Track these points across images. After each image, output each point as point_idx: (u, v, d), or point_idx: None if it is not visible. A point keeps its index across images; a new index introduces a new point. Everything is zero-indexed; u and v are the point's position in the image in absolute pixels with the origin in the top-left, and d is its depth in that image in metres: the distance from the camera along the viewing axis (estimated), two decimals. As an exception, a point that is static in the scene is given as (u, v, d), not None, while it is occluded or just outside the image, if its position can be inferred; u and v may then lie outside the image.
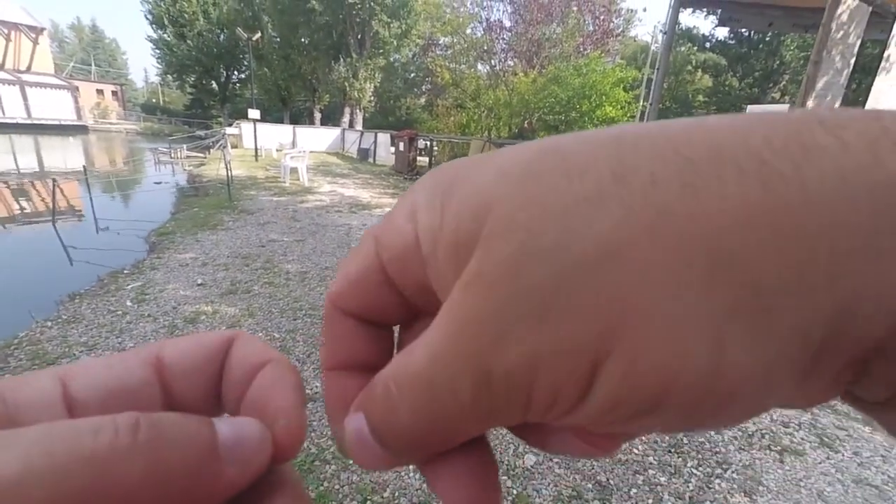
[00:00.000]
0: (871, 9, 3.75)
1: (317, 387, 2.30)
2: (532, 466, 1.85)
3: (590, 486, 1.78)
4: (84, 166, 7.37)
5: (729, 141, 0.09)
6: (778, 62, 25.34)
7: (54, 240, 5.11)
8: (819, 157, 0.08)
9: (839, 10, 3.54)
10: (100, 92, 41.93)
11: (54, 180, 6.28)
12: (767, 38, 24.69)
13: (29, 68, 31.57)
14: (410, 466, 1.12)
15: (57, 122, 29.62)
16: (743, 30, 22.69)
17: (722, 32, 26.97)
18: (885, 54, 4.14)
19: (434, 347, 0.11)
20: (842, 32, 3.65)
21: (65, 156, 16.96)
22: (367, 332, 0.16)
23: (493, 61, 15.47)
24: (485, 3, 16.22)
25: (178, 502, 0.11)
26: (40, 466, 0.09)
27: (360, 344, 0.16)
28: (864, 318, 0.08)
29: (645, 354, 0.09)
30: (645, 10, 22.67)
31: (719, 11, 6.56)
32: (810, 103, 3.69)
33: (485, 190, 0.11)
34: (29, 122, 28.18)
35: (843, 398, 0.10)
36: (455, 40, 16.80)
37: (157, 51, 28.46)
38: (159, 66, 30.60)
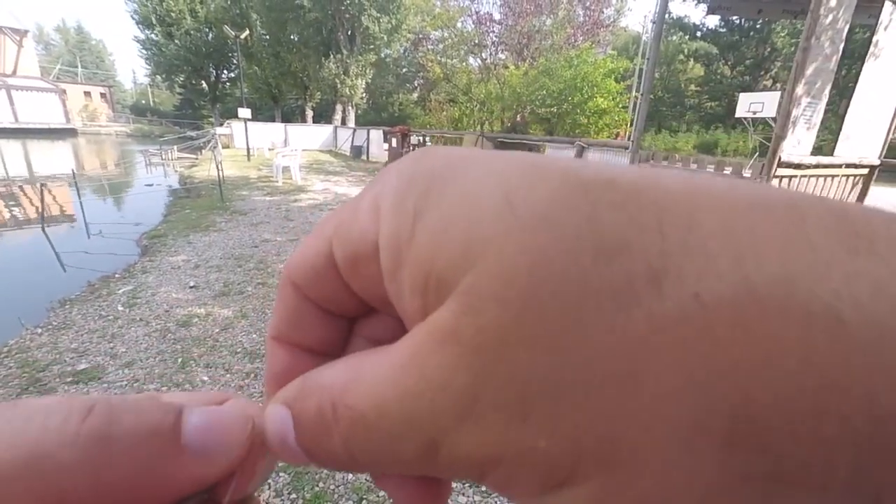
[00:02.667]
0: (859, -7, 3.75)
1: (311, 387, 2.29)
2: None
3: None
4: (73, 170, 7.29)
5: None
6: (769, 49, 25.34)
7: (45, 245, 5.05)
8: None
9: (827, -4, 3.53)
10: (87, 94, 41.34)
11: (43, 185, 6.20)
12: (758, 26, 24.67)
13: (14, 72, 31.07)
14: None
15: (45, 126, 29.21)
16: (734, 18, 22.67)
17: (713, 21, 26.93)
18: (874, 39, 4.14)
19: (384, 397, 0.10)
20: (830, 18, 3.65)
21: (54, 160, 16.75)
22: (320, 315, 0.14)
23: (483, 55, 15.38)
24: (475, -4, 16.11)
25: (130, 493, 0.10)
26: None
27: (310, 324, 0.14)
28: None
29: (628, 495, 0.08)
30: (636, -1, 22.54)
31: (707, 1, 6.55)
32: (800, 89, 3.69)
33: (481, 220, 0.09)
34: (16, 126, 27.78)
35: None
36: (446, 34, 16.68)
37: (145, 51, 28.07)
38: (147, 67, 30.21)
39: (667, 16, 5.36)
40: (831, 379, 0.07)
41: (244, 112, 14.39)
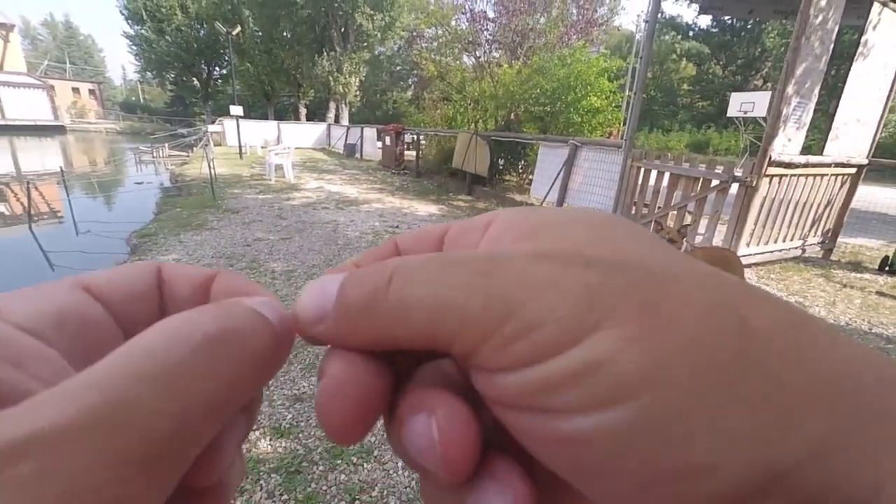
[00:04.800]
0: (848, -6, 3.79)
1: (304, 387, 2.28)
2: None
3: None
4: (62, 167, 7.17)
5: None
6: (760, 49, 25.58)
7: (32, 244, 4.97)
8: None
9: (817, -4, 3.57)
10: (76, 90, 40.71)
11: (30, 182, 6.09)
12: (749, 26, 24.89)
13: (0, 67, 30.52)
14: (399, 465, 1.10)
15: (32, 123, 28.73)
16: (725, 18, 22.85)
17: (705, 21, 27.13)
18: (863, 39, 4.18)
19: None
20: (820, 18, 3.68)
21: (42, 157, 16.48)
22: None
23: (477, 53, 15.35)
24: (469, -6, 16.05)
25: (267, 372, 0.13)
26: (187, 395, 0.10)
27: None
28: None
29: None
30: (629, -2, 22.63)
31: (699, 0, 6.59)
32: (790, 89, 3.73)
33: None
34: (2, 123, 27.29)
35: None
36: (440, 32, 16.64)
37: (135, 47, 27.71)
38: (138, 63, 29.84)
39: (659, 15, 5.38)
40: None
41: (236, 109, 14.25)
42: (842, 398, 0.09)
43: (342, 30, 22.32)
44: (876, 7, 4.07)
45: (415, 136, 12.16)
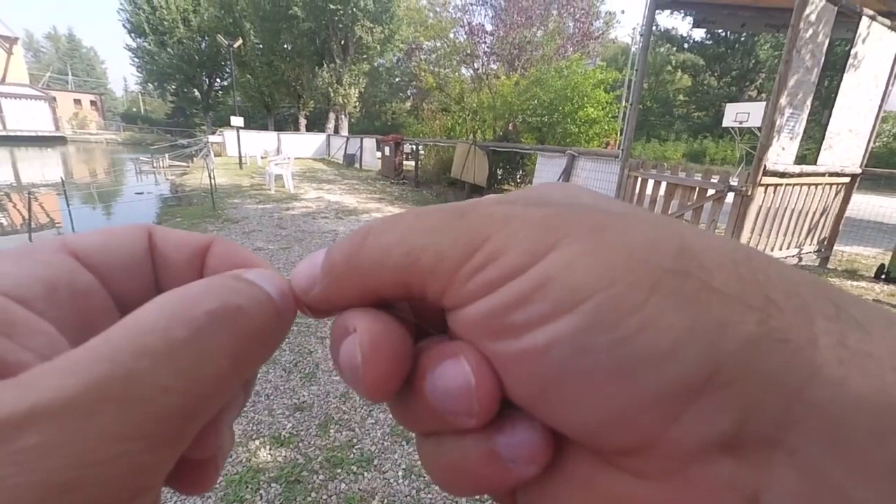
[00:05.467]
0: (836, 8, 3.88)
1: (304, 395, 2.28)
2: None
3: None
4: (62, 178, 7.21)
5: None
6: (753, 61, 25.99)
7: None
8: None
9: (807, 11, 3.65)
10: (78, 102, 41.03)
11: (30, 192, 6.12)
12: (743, 38, 25.32)
13: (3, 79, 30.77)
14: (400, 474, 1.13)
15: (33, 134, 28.89)
16: (719, 31, 23.23)
17: (699, 33, 27.61)
18: (853, 52, 4.27)
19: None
20: (810, 32, 3.77)
21: (43, 167, 16.55)
22: None
23: (476, 65, 15.57)
24: (466, 8, 16.33)
25: (274, 343, 0.13)
26: (195, 369, 0.11)
27: None
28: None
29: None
30: (623, 12, 23.07)
31: (694, 13, 6.72)
32: (783, 100, 3.79)
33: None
34: (4, 133, 27.44)
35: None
36: (438, 45, 16.89)
37: (137, 59, 28.01)
38: (139, 75, 30.13)
39: (654, 28, 5.49)
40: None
41: (237, 120, 14.38)
42: (775, 302, 0.10)
43: (342, 42, 22.63)
44: (864, 21, 4.17)
45: (414, 147, 12.27)
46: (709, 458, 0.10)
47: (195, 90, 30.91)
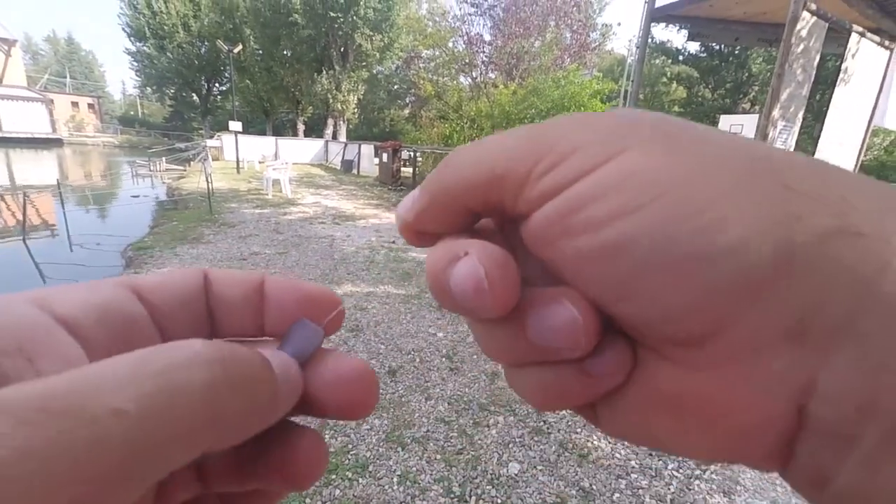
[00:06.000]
0: (827, 25, 3.97)
1: (299, 401, 2.27)
2: (516, 474, 1.86)
3: (573, 492, 1.80)
4: (58, 180, 7.18)
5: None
6: (747, 74, 26.39)
7: (25, 257, 4.94)
8: None
9: (798, 26, 3.74)
10: (75, 104, 40.96)
11: (25, 194, 6.09)
12: (736, 52, 25.72)
13: (0, 81, 30.72)
14: (395, 480, 1.14)
15: (30, 136, 28.79)
16: (713, 44, 23.63)
17: (694, 46, 28.00)
18: (843, 66, 4.37)
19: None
20: (802, 47, 3.85)
21: (38, 169, 16.46)
22: None
23: (474, 74, 15.74)
24: (465, 18, 16.54)
25: (250, 431, 0.12)
26: (159, 401, 0.09)
27: None
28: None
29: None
30: (619, 24, 23.44)
31: (689, 26, 6.85)
32: (776, 113, 3.87)
33: None
34: (1, 135, 27.32)
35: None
36: (437, 53, 17.07)
37: (136, 63, 28.05)
38: (138, 79, 30.14)
39: (650, 40, 5.59)
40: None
41: (235, 125, 14.40)
42: (849, 201, 0.10)
43: (342, 49, 22.79)
44: (854, 37, 4.27)
45: (412, 153, 12.33)
46: (772, 346, 0.10)
47: (194, 94, 30.95)
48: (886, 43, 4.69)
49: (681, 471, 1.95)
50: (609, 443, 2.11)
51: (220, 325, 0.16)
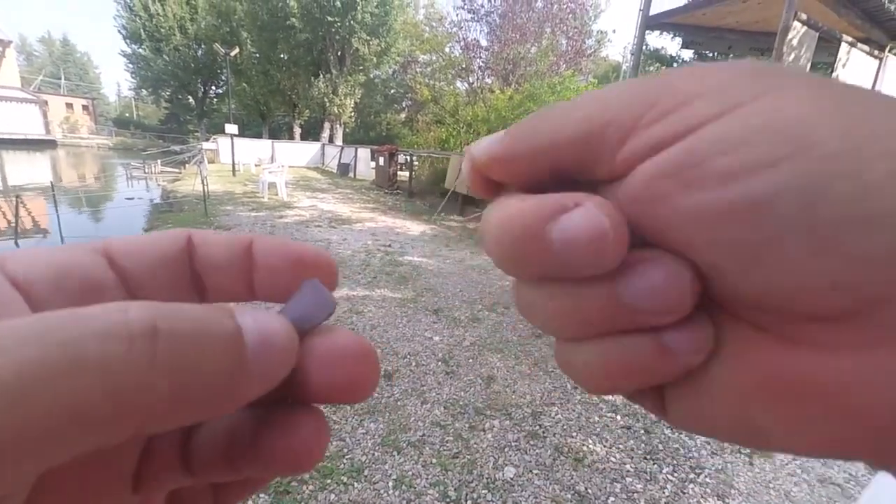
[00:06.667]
0: (818, 34, 4.05)
1: (294, 405, 2.26)
2: (512, 478, 1.86)
3: (569, 496, 1.80)
4: (51, 182, 7.12)
5: None
6: (740, 82, 26.74)
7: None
8: None
9: (790, 36, 3.81)
10: (69, 106, 40.68)
11: (18, 196, 6.04)
12: (730, 60, 26.07)
13: (-7, 82, 30.50)
14: (390, 485, 1.15)
15: (23, 137, 28.56)
16: (707, 52, 23.92)
17: (688, 54, 28.36)
18: (834, 75, 4.45)
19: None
20: (793, 55, 3.92)
21: (31, 171, 16.32)
22: None
23: (470, 79, 15.83)
24: (462, 24, 16.65)
25: (194, 415, 0.10)
26: (34, 371, 0.08)
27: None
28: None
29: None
30: (615, 31, 23.70)
31: (682, 34, 6.95)
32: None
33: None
34: (-8, 136, 27.09)
35: None
36: (434, 58, 17.17)
37: (132, 65, 27.96)
38: (133, 81, 30.03)
39: (644, 48, 5.66)
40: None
41: (231, 128, 14.36)
42: None
43: (339, 53, 22.85)
44: (844, 47, 4.35)
45: (408, 157, 12.35)
46: None
47: (190, 97, 30.87)
48: (876, 52, 4.79)
49: (675, 475, 1.96)
50: (604, 447, 2.12)
51: (208, 290, 0.15)
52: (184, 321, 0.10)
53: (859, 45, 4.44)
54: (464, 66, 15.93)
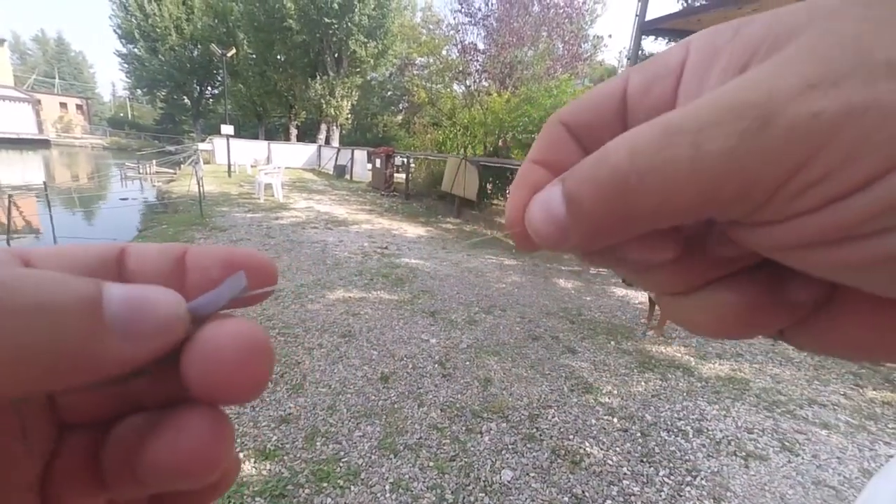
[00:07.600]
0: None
1: (290, 407, 2.24)
2: (509, 482, 1.86)
3: (566, 499, 1.80)
4: (44, 182, 7.05)
5: None
6: (734, 87, 27.06)
7: (8, 259, 4.83)
8: None
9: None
10: (63, 105, 40.35)
11: (10, 196, 5.97)
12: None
13: (-15, 80, 30.21)
14: (387, 488, 1.15)
15: (15, 136, 28.29)
16: (702, 56, 24.04)
17: (683, 58, 28.62)
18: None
19: (702, 100, 0.10)
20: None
21: (24, 171, 16.16)
22: (576, 149, 0.15)
23: (467, 82, 15.88)
24: (459, 27, 16.71)
25: (53, 374, 0.10)
26: None
27: (567, 152, 0.15)
28: None
29: None
30: (611, 36, 23.88)
31: (678, 39, 7.01)
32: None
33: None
34: (-16, 135, 26.82)
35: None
36: (431, 61, 17.21)
37: (127, 65, 27.80)
38: (128, 81, 29.84)
39: (640, 52, 5.71)
40: None
41: (227, 128, 14.30)
42: None
43: (336, 55, 22.84)
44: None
45: (405, 160, 12.35)
46: None
47: (185, 97, 30.72)
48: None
49: (672, 477, 1.97)
50: (601, 449, 2.12)
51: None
52: (35, 275, 0.10)
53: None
54: (461, 68, 15.97)
